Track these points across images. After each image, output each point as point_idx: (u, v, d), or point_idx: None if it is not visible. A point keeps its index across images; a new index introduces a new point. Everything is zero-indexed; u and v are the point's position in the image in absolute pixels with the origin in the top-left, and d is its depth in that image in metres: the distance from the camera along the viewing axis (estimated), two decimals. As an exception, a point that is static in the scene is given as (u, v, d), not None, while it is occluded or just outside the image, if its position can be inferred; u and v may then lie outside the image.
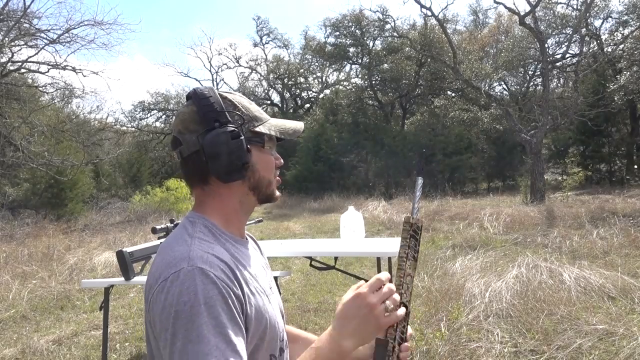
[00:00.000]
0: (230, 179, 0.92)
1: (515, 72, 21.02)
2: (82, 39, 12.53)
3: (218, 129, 0.90)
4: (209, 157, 0.90)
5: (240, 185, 0.95)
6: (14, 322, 4.29)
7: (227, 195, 0.95)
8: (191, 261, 0.81)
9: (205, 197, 0.95)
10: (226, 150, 0.89)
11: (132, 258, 2.36)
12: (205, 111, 0.91)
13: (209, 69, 38.38)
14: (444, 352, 2.86)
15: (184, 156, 0.92)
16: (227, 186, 0.94)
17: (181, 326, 0.77)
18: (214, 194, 0.94)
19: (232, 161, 0.90)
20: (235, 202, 0.96)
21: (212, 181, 0.93)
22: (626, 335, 2.88)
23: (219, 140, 0.89)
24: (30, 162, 11.23)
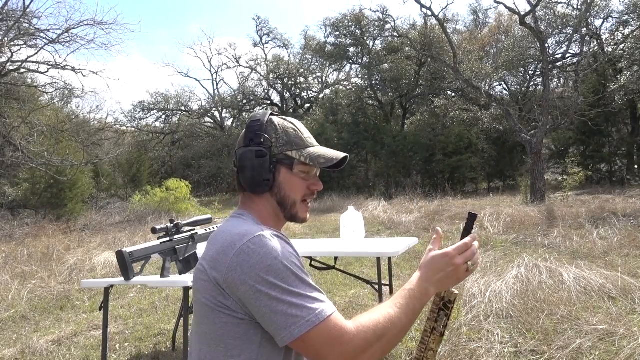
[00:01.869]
0: (254, 191, 1.09)
1: (516, 72, 21.01)
2: (82, 39, 12.54)
3: (246, 147, 1.07)
4: (239, 169, 1.09)
5: (269, 198, 1.10)
6: (14, 322, 4.29)
7: (261, 203, 1.10)
8: (264, 231, 0.97)
9: (247, 200, 1.12)
10: (250, 165, 1.06)
11: (132, 258, 2.35)
12: (247, 131, 1.09)
13: (209, 69, 38.43)
14: (444, 352, 2.86)
15: (237, 166, 1.10)
16: (259, 196, 1.10)
17: (277, 277, 0.92)
18: (253, 200, 1.11)
19: (254, 176, 1.06)
20: (270, 210, 1.11)
21: (263, 198, 1.10)
22: (627, 336, 2.87)
23: (245, 157, 1.07)
24: (30, 162, 11.22)
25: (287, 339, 0.91)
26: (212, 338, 0.98)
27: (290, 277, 0.93)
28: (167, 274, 2.49)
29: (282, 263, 0.93)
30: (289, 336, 0.91)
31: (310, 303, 0.93)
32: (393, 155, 19.61)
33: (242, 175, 1.07)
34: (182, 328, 2.45)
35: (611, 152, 17.81)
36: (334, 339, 0.92)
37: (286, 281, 0.92)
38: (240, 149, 1.08)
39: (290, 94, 28.66)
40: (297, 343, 0.92)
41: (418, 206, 11.45)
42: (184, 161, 27.86)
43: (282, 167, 1.08)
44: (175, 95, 30.34)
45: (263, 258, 0.92)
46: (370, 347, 0.95)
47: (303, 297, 0.92)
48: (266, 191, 1.08)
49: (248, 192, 1.10)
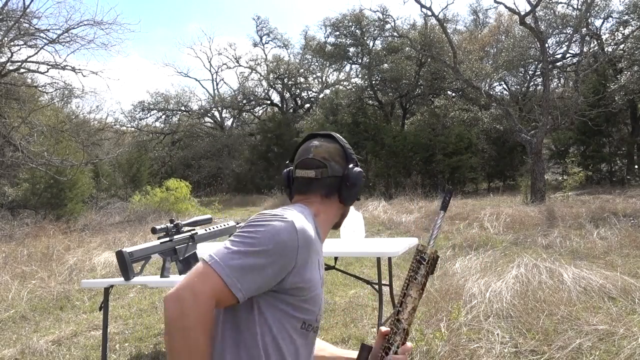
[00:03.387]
0: (348, 204, 1.31)
1: (516, 72, 21.01)
2: (82, 39, 12.52)
3: (357, 168, 1.28)
4: (350, 184, 1.26)
5: (343, 209, 1.32)
6: (14, 322, 4.29)
7: (334, 211, 1.29)
8: (292, 218, 1.08)
9: (322, 205, 1.26)
10: (359, 184, 1.27)
11: (132, 258, 2.35)
12: (348, 153, 1.28)
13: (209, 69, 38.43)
14: (444, 352, 2.86)
15: (322, 176, 1.24)
16: (340, 207, 1.30)
17: (252, 235, 1.03)
18: (329, 206, 1.27)
19: (356, 193, 1.29)
20: (334, 218, 1.30)
21: (333, 199, 1.27)
22: (627, 336, 2.87)
23: (359, 177, 1.27)
24: (30, 162, 11.22)
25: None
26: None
27: (253, 245, 1.01)
28: (167, 274, 2.49)
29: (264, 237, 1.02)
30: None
31: (226, 258, 0.98)
32: (393, 155, 19.61)
33: (348, 189, 1.26)
34: (182, 328, 2.45)
35: (611, 152, 17.81)
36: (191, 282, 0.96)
37: (245, 239, 1.03)
38: (349, 168, 1.27)
39: (290, 94, 28.66)
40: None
41: (418, 206, 11.45)
42: (184, 161, 27.86)
43: None
44: (175, 95, 30.34)
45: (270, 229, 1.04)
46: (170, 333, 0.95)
47: (234, 252, 1.00)
48: (349, 205, 1.32)
49: (327, 199, 1.26)
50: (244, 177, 25.88)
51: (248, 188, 24.48)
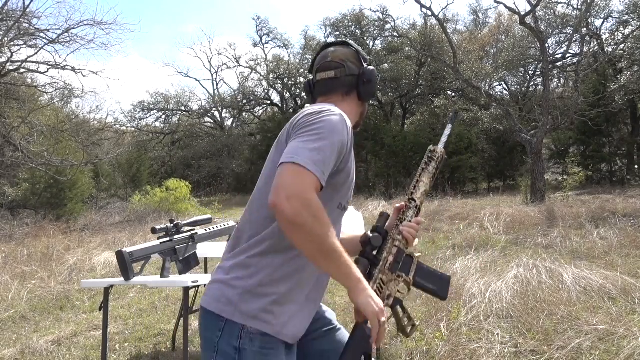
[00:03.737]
0: (366, 100, 1.47)
1: (516, 72, 21.01)
2: (82, 39, 12.51)
3: (372, 68, 1.44)
4: (366, 81, 1.42)
5: (361, 106, 1.48)
6: (13, 322, 4.29)
7: (355, 109, 1.45)
8: (339, 112, 1.24)
9: (342, 103, 1.40)
10: (375, 81, 1.44)
11: (132, 258, 2.36)
12: (362, 54, 1.45)
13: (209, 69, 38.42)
14: (444, 352, 2.86)
15: (339, 76, 1.41)
16: (358, 103, 1.46)
17: (318, 130, 1.16)
18: (349, 103, 1.43)
19: (373, 88, 1.45)
20: (355, 116, 1.45)
21: (352, 96, 1.43)
22: (627, 336, 2.87)
23: (373, 74, 1.44)
24: (30, 162, 11.22)
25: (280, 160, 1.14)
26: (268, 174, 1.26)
27: (327, 141, 1.16)
28: (167, 274, 2.49)
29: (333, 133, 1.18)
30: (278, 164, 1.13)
31: (307, 158, 1.11)
32: (393, 155, 19.61)
33: (366, 86, 1.42)
34: (182, 328, 2.45)
35: (611, 152, 17.81)
36: (287, 186, 1.08)
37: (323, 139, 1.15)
38: (365, 66, 1.43)
39: (290, 94, 28.65)
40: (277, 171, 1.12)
41: (418, 206, 11.43)
42: (184, 161, 27.86)
43: None
44: (175, 95, 30.34)
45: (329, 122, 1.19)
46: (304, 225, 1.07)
47: (309, 153, 1.12)
48: (367, 101, 1.49)
49: (348, 97, 1.42)
50: (244, 177, 25.88)
51: (248, 188, 24.46)
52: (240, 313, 1.16)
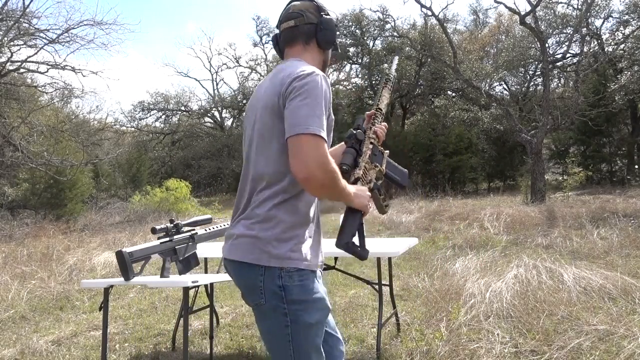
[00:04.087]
0: (326, 47, 1.62)
1: (516, 72, 21.01)
2: (82, 39, 12.53)
3: (329, 17, 1.59)
4: (323, 29, 1.57)
5: (323, 54, 1.63)
6: (13, 322, 4.29)
7: (317, 55, 1.61)
8: (318, 71, 1.43)
9: (305, 52, 1.59)
10: (332, 29, 1.59)
11: (132, 258, 2.35)
12: (320, 5, 1.60)
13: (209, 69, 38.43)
14: (444, 352, 2.85)
15: (298, 24, 1.57)
16: (319, 51, 1.61)
17: (310, 94, 1.37)
18: (311, 52, 1.59)
19: (332, 36, 1.59)
20: (318, 64, 1.59)
21: (312, 44, 1.59)
22: (627, 336, 2.87)
23: (331, 22, 1.59)
24: (30, 162, 11.22)
25: (288, 134, 1.35)
26: (268, 136, 1.45)
27: (315, 97, 1.37)
28: (167, 274, 2.48)
29: (325, 96, 1.40)
30: (290, 132, 1.35)
31: (316, 125, 1.34)
32: (393, 155, 19.21)
33: (323, 33, 1.57)
34: (182, 328, 2.45)
35: (611, 152, 17.81)
36: (311, 158, 1.32)
37: (310, 96, 1.37)
38: (322, 15, 1.58)
39: (290, 94, 28.65)
40: (290, 142, 1.35)
41: (418, 206, 11.45)
42: (184, 161, 27.85)
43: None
44: (175, 95, 30.33)
45: (310, 81, 1.38)
46: (331, 187, 1.37)
47: (315, 119, 1.34)
48: (327, 49, 1.64)
49: (309, 45, 1.59)
50: (244, 177, 25.86)
51: (248, 188, 24.44)
52: (275, 258, 1.39)
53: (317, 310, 1.44)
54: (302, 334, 1.41)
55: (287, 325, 1.40)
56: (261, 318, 1.45)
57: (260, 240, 1.40)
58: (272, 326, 1.42)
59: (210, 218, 2.72)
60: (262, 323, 1.45)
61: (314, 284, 1.45)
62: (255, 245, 1.40)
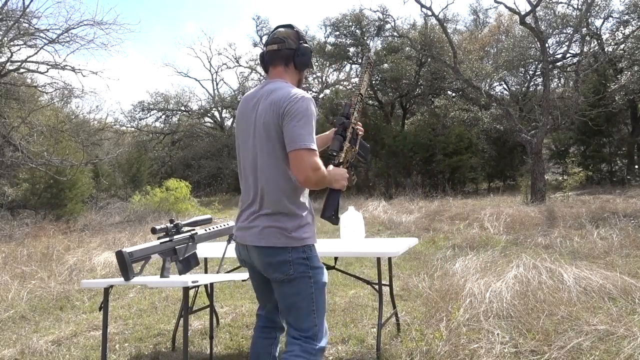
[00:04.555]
0: (301, 69, 2.00)
1: (516, 72, 20.99)
2: (82, 39, 12.52)
3: (305, 44, 1.97)
4: (300, 54, 1.95)
5: (299, 74, 2.02)
6: (13, 322, 4.29)
7: (295, 75, 2.00)
8: (307, 95, 1.84)
9: (285, 73, 1.97)
10: (308, 54, 1.97)
11: (132, 258, 2.35)
12: (300, 34, 1.98)
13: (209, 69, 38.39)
14: (444, 352, 2.85)
15: (280, 48, 1.94)
16: (295, 71, 1.99)
17: (303, 115, 1.79)
18: (289, 72, 1.98)
19: (307, 60, 1.98)
20: (296, 81, 2.01)
21: (290, 66, 1.97)
22: (627, 336, 2.87)
23: (307, 50, 1.96)
24: (30, 162, 11.22)
25: (290, 149, 1.79)
26: (272, 152, 1.87)
27: (307, 119, 1.81)
28: (167, 274, 2.48)
29: (313, 115, 1.84)
30: (291, 147, 1.79)
31: (308, 140, 1.79)
32: (393, 155, 19.60)
33: (300, 58, 1.95)
34: (182, 328, 2.45)
35: (611, 152, 17.80)
36: (306, 165, 1.78)
37: (304, 118, 1.80)
38: (300, 44, 1.96)
39: (290, 94, 28.63)
40: (292, 154, 1.79)
41: (418, 206, 11.45)
42: (184, 161, 27.84)
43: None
44: (175, 95, 30.33)
45: (304, 105, 1.81)
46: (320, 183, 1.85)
47: (308, 135, 1.79)
48: (302, 70, 2.01)
49: (288, 67, 1.97)
50: (244, 177, 25.85)
51: (248, 188, 24.42)
52: (297, 240, 1.88)
53: (325, 274, 2.01)
54: (320, 291, 1.95)
55: (311, 285, 1.91)
56: (289, 286, 1.90)
57: (286, 230, 1.87)
58: (301, 288, 1.90)
59: (210, 218, 2.72)
60: (290, 289, 1.90)
61: (316, 253, 2.00)
62: (282, 233, 1.86)
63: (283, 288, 1.93)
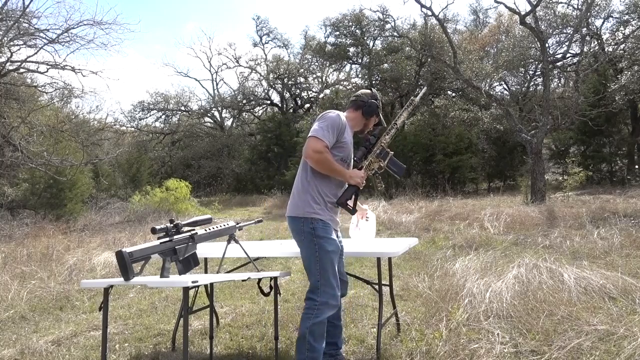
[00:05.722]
0: (366, 115, 2.78)
1: (516, 72, 21.00)
2: (82, 39, 12.50)
3: (374, 101, 2.79)
4: (367, 106, 2.76)
5: (363, 119, 2.81)
6: (13, 322, 4.28)
7: (358, 118, 2.79)
8: (340, 113, 2.64)
9: (352, 113, 2.79)
10: (373, 107, 2.78)
11: (132, 258, 2.34)
12: (374, 94, 2.84)
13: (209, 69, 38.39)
14: (444, 352, 2.85)
15: (357, 100, 2.80)
16: (362, 117, 2.79)
17: (325, 119, 2.57)
18: (355, 114, 2.79)
19: (372, 111, 2.78)
20: (358, 123, 2.81)
21: (359, 111, 2.78)
22: (627, 336, 2.87)
23: (372, 104, 2.78)
24: (29, 162, 11.21)
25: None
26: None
27: (330, 126, 2.53)
28: (167, 274, 2.48)
29: (332, 121, 2.55)
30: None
31: (317, 132, 2.49)
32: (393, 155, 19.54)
33: (366, 107, 2.75)
34: (182, 328, 2.44)
35: (612, 152, 17.79)
36: (308, 147, 2.48)
37: (327, 122, 2.54)
38: (371, 100, 2.78)
39: (290, 94, 28.64)
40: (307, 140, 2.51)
41: (418, 206, 11.45)
42: (184, 161, 27.83)
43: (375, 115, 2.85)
44: (175, 95, 30.32)
45: (330, 115, 2.58)
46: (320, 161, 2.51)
47: (319, 130, 2.50)
48: (368, 118, 2.80)
49: (357, 112, 2.78)
50: (243, 177, 25.86)
51: (248, 188, 24.46)
52: (309, 213, 2.55)
53: (332, 244, 2.55)
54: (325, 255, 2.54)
55: (316, 250, 2.53)
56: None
57: (301, 206, 2.59)
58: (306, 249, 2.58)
59: (210, 218, 2.72)
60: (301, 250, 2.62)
61: (332, 231, 2.60)
62: (298, 206, 2.61)
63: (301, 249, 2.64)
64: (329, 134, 2.47)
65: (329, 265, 2.51)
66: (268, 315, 4.00)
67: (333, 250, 2.53)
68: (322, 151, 2.44)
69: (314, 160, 2.47)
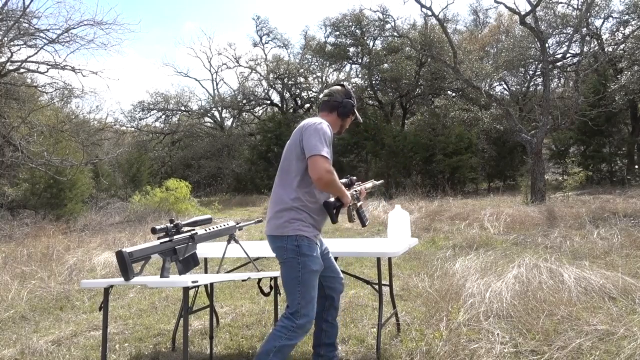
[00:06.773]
0: (342, 117, 2.60)
1: (516, 72, 21.01)
2: (82, 39, 12.51)
3: (349, 100, 2.59)
4: (342, 106, 2.57)
5: (340, 121, 2.62)
6: (13, 322, 4.28)
7: (335, 120, 2.60)
8: (324, 121, 2.44)
9: (327, 116, 2.56)
10: (349, 108, 2.59)
11: (132, 258, 2.34)
12: (347, 91, 2.62)
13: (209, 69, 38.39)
14: (444, 352, 2.85)
15: (330, 100, 2.58)
16: (338, 118, 2.60)
17: (317, 131, 2.35)
18: (331, 117, 2.58)
19: (348, 111, 2.60)
20: (335, 126, 2.60)
21: (334, 113, 2.59)
22: (627, 336, 2.87)
23: (348, 103, 2.58)
24: (30, 162, 11.21)
25: (308, 155, 2.32)
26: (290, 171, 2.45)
27: (322, 136, 2.35)
28: (167, 274, 2.48)
29: (325, 134, 2.37)
30: (309, 153, 2.31)
31: (321, 149, 2.31)
32: (393, 155, 19.60)
33: (343, 109, 2.58)
34: (182, 328, 2.45)
35: (611, 152, 17.80)
36: (320, 167, 2.30)
37: (320, 136, 2.34)
38: (345, 99, 2.59)
39: (290, 94, 28.62)
40: (310, 158, 2.31)
41: (418, 206, 11.45)
42: (184, 161, 27.83)
43: (352, 114, 2.67)
44: (175, 95, 30.30)
45: (321, 127, 2.38)
46: (332, 184, 2.37)
47: (321, 146, 2.32)
48: (344, 119, 2.64)
49: (332, 114, 2.59)
50: (243, 177, 25.86)
51: (248, 188, 24.46)
52: (293, 230, 2.40)
53: (317, 263, 2.44)
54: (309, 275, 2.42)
55: (299, 270, 2.40)
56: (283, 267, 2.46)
57: (289, 222, 2.42)
58: (288, 272, 2.43)
59: (210, 218, 2.72)
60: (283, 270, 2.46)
61: (317, 249, 2.47)
62: (283, 224, 2.43)
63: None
64: (330, 149, 2.36)
65: (311, 286, 2.42)
66: (268, 315, 4.00)
67: (317, 270, 2.45)
68: (332, 171, 2.32)
69: (325, 181, 2.30)
